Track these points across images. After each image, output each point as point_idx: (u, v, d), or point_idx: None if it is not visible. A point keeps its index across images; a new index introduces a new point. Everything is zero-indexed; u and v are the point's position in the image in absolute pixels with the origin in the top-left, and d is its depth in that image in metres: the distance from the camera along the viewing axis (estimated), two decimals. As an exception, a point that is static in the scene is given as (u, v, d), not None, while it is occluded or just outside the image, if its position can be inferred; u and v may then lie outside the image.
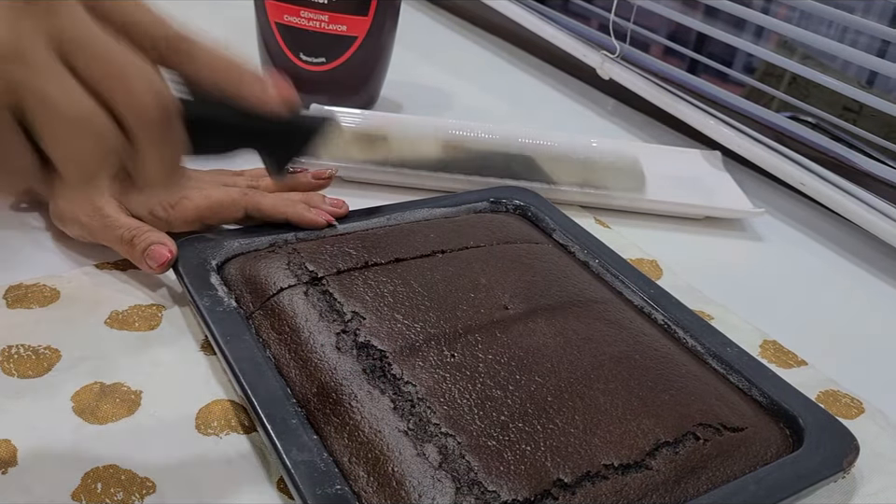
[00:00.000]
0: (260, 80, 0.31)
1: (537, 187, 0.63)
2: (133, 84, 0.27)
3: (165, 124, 0.28)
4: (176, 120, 0.28)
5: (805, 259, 0.65)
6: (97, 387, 0.40)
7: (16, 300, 0.46)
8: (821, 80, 0.70)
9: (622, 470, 0.36)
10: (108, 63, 0.26)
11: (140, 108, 0.27)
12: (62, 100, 0.25)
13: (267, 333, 0.43)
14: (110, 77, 0.26)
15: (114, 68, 0.26)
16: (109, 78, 0.26)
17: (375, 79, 0.79)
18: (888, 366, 0.53)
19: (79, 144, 0.26)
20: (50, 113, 0.25)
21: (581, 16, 0.98)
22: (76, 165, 0.26)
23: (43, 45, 0.25)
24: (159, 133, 0.27)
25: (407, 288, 0.45)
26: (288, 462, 0.35)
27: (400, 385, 0.39)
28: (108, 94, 0.26)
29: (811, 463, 0.39)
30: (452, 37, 1.08)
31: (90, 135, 0.26)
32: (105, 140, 0.26)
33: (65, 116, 0.25)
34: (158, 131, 0.27)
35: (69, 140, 0.26)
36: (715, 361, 0.45)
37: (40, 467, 0.36)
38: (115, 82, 0.26)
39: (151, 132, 0.27)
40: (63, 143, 0.26)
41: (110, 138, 0.27)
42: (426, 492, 0.34)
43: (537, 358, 0.41)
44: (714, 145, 0.77)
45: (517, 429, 0.37)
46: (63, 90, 0.25)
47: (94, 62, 0.26)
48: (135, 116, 0.27)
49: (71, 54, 0.26)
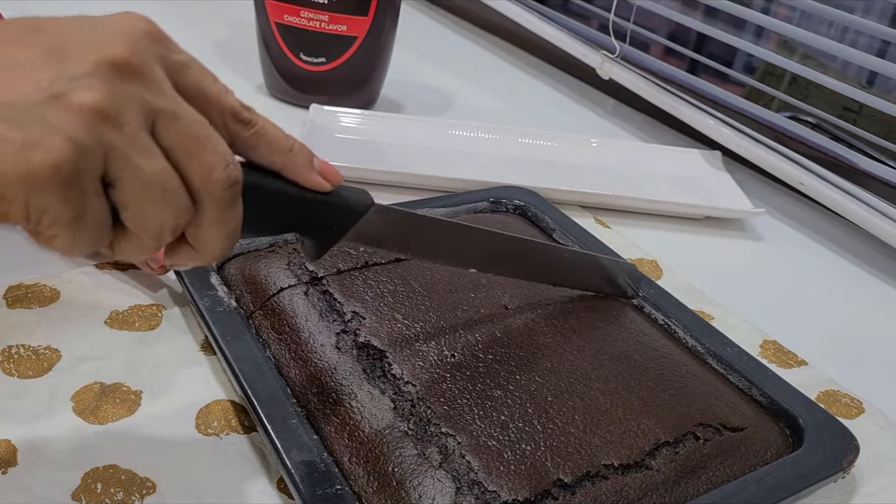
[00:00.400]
0: (310, 158, 0.33)
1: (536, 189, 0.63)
2: (210, 156, 0.28)
3: (232, 199, 0.29)
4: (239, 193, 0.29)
5: (805, 259, 0.65)
6: (97, 387, 0.40)
7: (16, 300, 0.46)
8: (821, 80, 0.70)
9: (622, 470, 0.36)
10: (190, 134, 0.28)
11: (214, 185, 0.28)
12: (146, 164, 0.26)
13: (267, 333, 0.43)
14: (191, 152, 0.28)
15: (194, 140, 0.28)
16: (189, 149, 0.28)
17: (375, 79, 0.79)
18: (888, 366, 0.53)
19: (155, 210, 0.27)
20: (134, 174, 0.26)
21: (580, 16, 0.98)
22: (148, 229, 0.28)
23: (135, 111, 0.26)
24: (224, 204, 0.29)
25: (407, 288, 0.45)
26: (289, 462, 0.35)
27: (400, 385, 0.39)
28: (185, 163, 0.28)
29: (811, 463, 0.39)
30: (452, 37, 1.08)
31: (165, 198, 0.27)
32: (178, 204, 0.28)
33: (148, 183, 0.27)
34: (224, 205, 0.29)
35: (147, 205, 0.27)
36: (715, 361, 0.45)
37: (40, 467, 0.36)
38: (194, 153, 0.28)
39: (219, 206, 0.29)
40: (142, 203, 0.27)
41: (182, 203, 0.28)
42: (426, 492, 0.34)
43: (537, 358, 0.41)
44: (714, 145, 0.77)
45: (517, 429, 0.37)
46: (149, 155, 0.27)
47: (178, 133, 0.27)
48: (208, 191, 0.28)
49: (159, 124, 0.27)
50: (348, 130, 0.72)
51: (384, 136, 0.72)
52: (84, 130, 0.25)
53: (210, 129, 0.29)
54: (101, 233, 0.27)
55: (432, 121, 0.75)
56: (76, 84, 0.25)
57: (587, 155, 0.73)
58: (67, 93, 0.25)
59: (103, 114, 0.25)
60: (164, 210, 0.27)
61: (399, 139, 0.71)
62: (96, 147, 0.25)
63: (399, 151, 0.70)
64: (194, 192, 0.28)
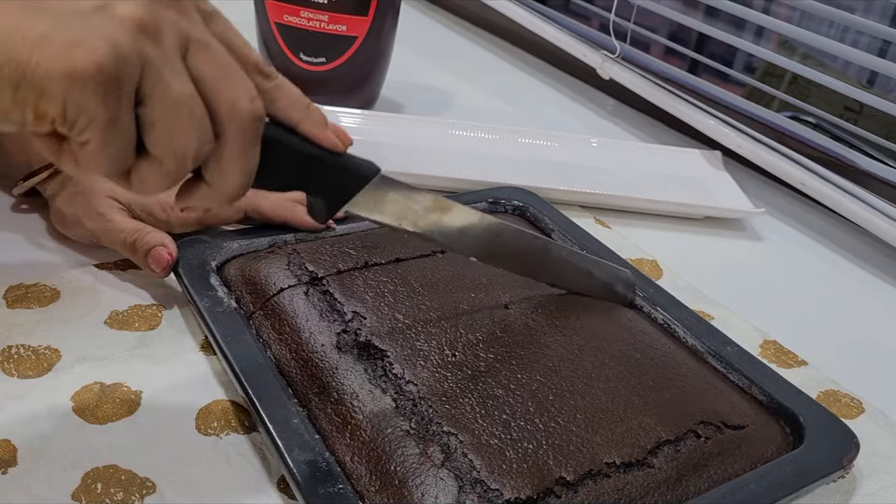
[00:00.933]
0: (325, 119, 0.34)
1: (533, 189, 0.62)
2: (238, 91, 0.29)
3: (255, 134, 0.30)
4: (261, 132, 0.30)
5: (805, 259, 0.65)
6: (97, 387, 0.40)
7: (16, 300, 0.46)
8: (822, 80, 0.70)
9: (624, 468, 0.36)
10: (222, 67, 0.29)
11: (240, 114, 0.29)
12: (177, 88, 0.28)
13: (267, 333, 0.43)
14: (219, 80, 0.29)
15: (223, 72, 0.29)
16: (219, 82, 0.29)
17: (375, 79, 0.79)
18: (888, 366, 0.53)
19: (181, 131, 0.28)
20: (165, 96, 0.27)
21: (581, 16, 0.98)
22: (172, 151, 0.28)
23: (173, 33, 0.28)
24: (248, 141, 0.30)
25: (407, 288, 0.45)
26: (290, 462, 0.35)
27: (402, 385, 0.39)
28: (214, 95, 0.29)
29: (811, 461, 0.39)
30: (452, 37, 1.08)
31: (190, 122, 0.28)
32: (202, 131, 0.29)
33: (177, 103, 0.28)
34: (248, 138, 0.30)
35: (174, 125, 0.28)
36: (715, 360, 0.45)
37: (40, 467, 0.36)
38: (223, 86, 0.29)
39: (242, 139, 0.30)
40: (168, 127, 0.28)
41: (206, 131, 0.29)
42: (428, 491, 0.34)
43: (538, 357, 0.41)
44: (714, 145, 0.77)
45: (519, 428, 0.37)
46: (180, 76, 0.28)
47: (210, 64, 0.29)
48: (234, 120, 0.29)
49: (192, 52, 0.29)
50: (348, 130, 0.71)
51: (384, 136, 0.72)
52: (127, 38, 0.26)
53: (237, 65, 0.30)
54: (128, 147, 0.28)
55: (432, 121, 0.75)
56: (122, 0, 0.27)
57: (587, 155, 0.73)
58: (113, 5, 0.27)
59: (144, 27, 0.27)
60: (189, 132, 0.28)
61: (399, 139, 0.71)
62: (136, 56, 0.26)
63: (398, 151, 0.70)
64: (219, 123, 0.29)
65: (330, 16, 0.72)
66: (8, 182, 0.52)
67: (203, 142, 0.29)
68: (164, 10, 0.28)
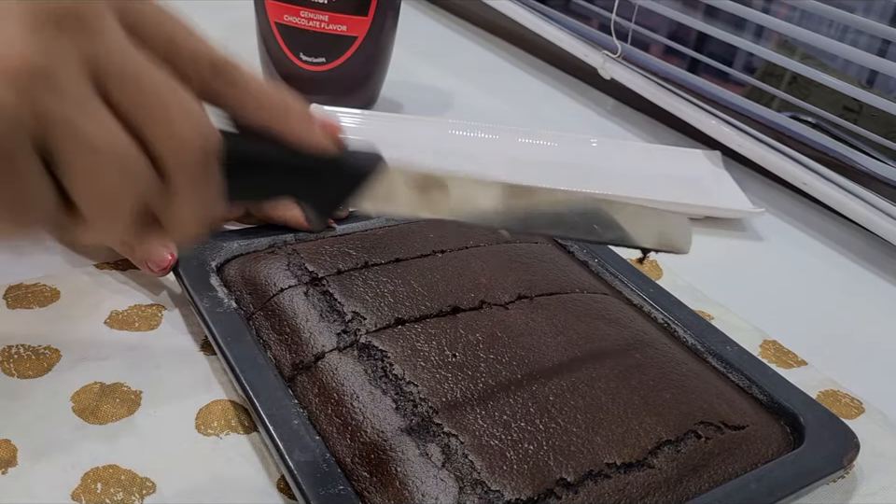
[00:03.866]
0: (307, 115, 0.28)
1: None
2: (176, 120, 0.23)
3: (206, 166, 0.24)
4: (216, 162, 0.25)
5: (806, 259, 0.65)
6: (97, 387, 0.40)
7: (16, 300, 0.46)
8: (822, 80, 0.70)
9: (624, 469, 0.36)
10: (149, 94, 0.23)
11: (181, 148, 0.24)
12: (94, 133, 0.22)
13: (267, 334, 0.43)
14: (150, 110, 0.23)
15: (155, 101, 0.23)
16: (149, 112, 0.23)
17: (375, 79, 0.79)
18: (888, 366, 0.53)
19: (110, 183, 0.23)
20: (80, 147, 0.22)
21: (582, 16, 0.98)
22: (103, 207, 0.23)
23: (77, 70, 0.22)
24: (198, 176, 0.24)
25: (407, 288, 0.45)
26: (291, 463, 0.35)
27: (402, 385, 0.39)
28: (146, 129, 0.23)
29: (812, 461, 0.39)
30: (452, 37, 1.08)
31: (122, 174, 0.23)
32: (138, 180, 0.23)
33: (97, 151, 0.22)
34: (197, 173, 0.24)
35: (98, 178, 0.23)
36: (715, 360, 0.45)
37: (40, 467, 0.36)
38: (155, 116, 0.23)
39: (190, 174, 0.24)
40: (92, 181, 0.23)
41: (144, 178, 0.23)
42: (429, 492, 0.34)
43: (538, 358, 0.41)
44: (715, 144, 0.76)
45: (519, 429, 0.37)
46: (97, 122, 0.22)
47: (134, 92, 0.23)
48: (175, 155, 0.24)
49: (108, 82, 0.23)
50: (348, 130, 0.72)
51: (384, 136, 0.71)
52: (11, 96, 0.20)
53: (175, 86, 0.24)
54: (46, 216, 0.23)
55: (432, 121, 0.75)
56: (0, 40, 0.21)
57: (587, 155, 0.73)
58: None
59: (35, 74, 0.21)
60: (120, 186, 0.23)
61: (399, 139, 0.71)
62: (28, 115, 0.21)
63: (398, 151, 0.70)
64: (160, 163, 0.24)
65: (330, 16, 0.72)
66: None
67: (142, 190, 0.23)
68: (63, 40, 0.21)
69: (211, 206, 0.25)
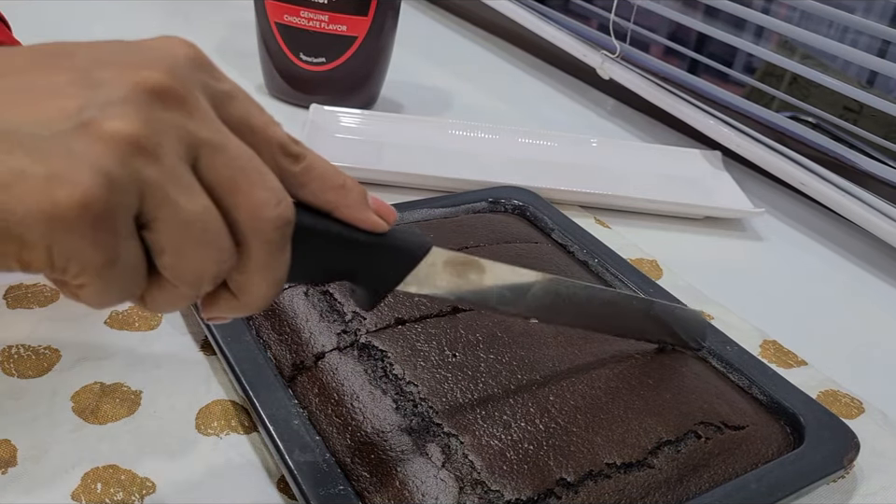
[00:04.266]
0: (365, 197, 0.29)
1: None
2: (260, 193, 0.25)
3: (283, 241, 0.26)
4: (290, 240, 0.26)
5: (805, 259, 0.65)
6: (97, 387, 0.40)
7: (16, 300, 0.46)
8: (822, 80, 0.70)
9: (624, 469, 0.36)
10: (237, 168, 0.25)
11: (263, 219, 0.25)
12: (185, 203, 0.23)
13: (267, 334, 0.43)
14: (237, 186, 0.24)
15: (241, 174, 0.25)
16: (236, 184, 0.24)
17: (375, 79, 0.79)
18: (888, 366, 0.53)
19: (196, 251, 0.24)
20: (173, 215, 0.23)
21: (581, 16, 0.98)
22: (187, 273, 0.24)
23: (175, 142, 0.23)
24: (274, 248, 0.26)
25: (407, 288, 0.45)
26: (291, 463, 0.35)
27: (402, 385, 0.39)
28: (233, 204, 0.24)
29: (812, 461, 0.39)
30: (452, 37, 1.08)
31: (207, 243, 0.24)
32: (222, 249, 0.25)
33: (188, 220, 0.23)
34: (275, 248, 0.26)
35: (186, 245, 0.24)
36: (715, 360, 0.45)
37: (40, 467, 0.36)
38: (241, 189, 0.24)
39: (268, 249, 0.25)
40: (180, 248, 0.24)
41: (226, 248, 0.25)
42: (429, 492, 0.34)
43: (538, 358, 0.41)
44: (714, 144, 0.77)
45: (519, 429, 0.37)
46: (190, 193, 0.23)
47: (223, 166, 0.24)
48: (256, 226, 0.25)
49: (203, 158, 0.24)
50: (348, 130, 0.72)
51: (384, 136, 0.72)
52: (116, 162, 0.22)
53: (260, 162, 0.25)
54: (135, 281, 0.24)
55: (432, 121, 0.75)
56: (108, 111, 0.22)
57: (587, 155, 0.73)
58: (98, 121, 0.22)
59: (138, 145, 0.22)
60: (205, 255, 0.24)
61: (399, 139, 0.71)
62: (130, 182, 0.22)
63: (398, 151, 0.70)
64: (240, 234, 0.25)
65: (330, 16, 0.72)
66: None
67: (223, 261, 0.25)
68: (164, 114, 0.23)
69: (281, 278, 0.27)
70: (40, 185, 0.21)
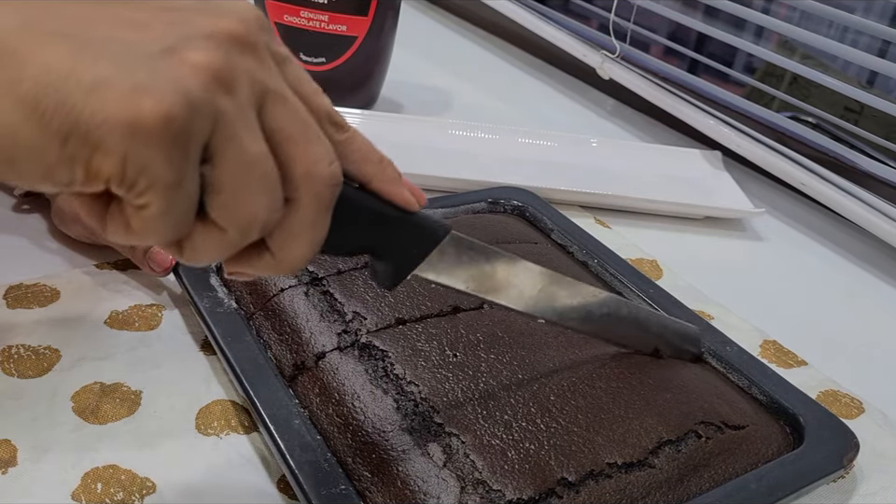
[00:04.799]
0: (399, 176, 0.31)
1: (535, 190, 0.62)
2: (316, 149, 0.26)
3: (331, 200, 0.27)
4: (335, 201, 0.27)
5: (805, 259, 0.65)
6: (97, 387, 0.40)
7: (16, 300, 0.46)
8: (822, 80, 0.70)
9: (625, 469, 0.36)
10: (299, 123, 0.26)
11: (317, 179, 0.26)
12: (251, 147, 0.24)
13: (268, 334, 0.43)
14: (296, 139, 0.25)
15: (301, 129, 0.26)
16: (295, 141, 0.25)
17: (375, 79, 0.79)
18: (888, 366, 0.53)
19: (251, 197, 0.25)
20: (237, 156, 0.24)
21: (581, 16, 0.98)
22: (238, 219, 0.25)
23: (248, 84, 0.24)
24: (322, 209, 0.26)
25: (407, 288, 0.45)
26: (292, 462, 0.35)
27: (403, 385, 0.39)
28: (290, 156, 0.25)
29: (812, 460, 0.39)
30: (452, 37, 1.08)
31: (263, 189, 0.25)
32: (275, 201, 0.25)
33: (249, 164, 0.24)
34: (323, 206, 0.26)
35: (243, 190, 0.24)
36: (715, 360, 0.45)
37: (40, 467, 0.36)
38: (300, 146, 0.25)
39: (316, 206, 0.26)
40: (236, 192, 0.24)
41: (279, 201, 0.25)
42: (430, 491, 0.34)
43: (539, 358, 0.41)
44: (714, 145, 0.77)
45: (521, 428, 0.37)
46: (254, 134, 0.24)
47: (286, 119, 0.25)
48: (309, 185, 0.26)
49: (268, 106, 0.25)
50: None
51: (383, 136, 0.71)
52: (199, 87, 0.23)
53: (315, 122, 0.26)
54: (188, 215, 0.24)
55: (432, 121, 0.75)
56: (192, 44, 0.23)
57: (587, 155, 0.73)
58: (184, 49, 0.23)
59: (219, 77, 0.23)
60: (260, 200, 0.25)
61: (399, 139, 0.71)
62: (208, 109, 0.23)
63: (398, 151, 0.69)
64: (292, 187, 0.26)
65: (330, 16, 0.72)
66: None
67: (274, 209, 0.25)
68: (240, 57, 0.24)
69: (320, 240, 0.27)
70: (126, 93, 0.21)
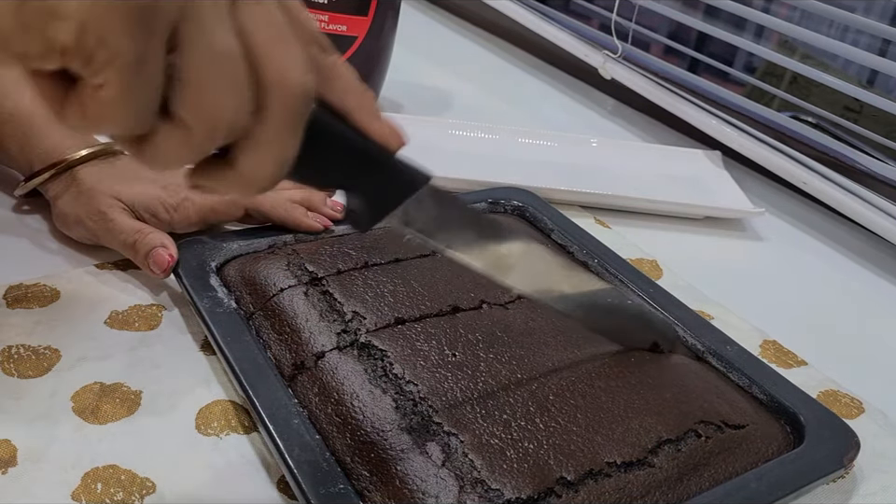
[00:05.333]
0: (380, 112, 0.30)
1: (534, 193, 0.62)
2: (290, 58, 0.25)
3: (302, 113, 0.25)
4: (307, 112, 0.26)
5: (806, 259, 0.65)
6: (97, 387, 0.40)
7: (16, 300, 0.46)
8: (822, 79, 0.70)
9: (624, 468, 0.36)
10: (274, 27, 0.25)
11: (288, 86, 0.25)
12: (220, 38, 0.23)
13: (267, 334, 0.43)
14: (270, 42, 0.24)
15: (276, 34, 0.25)
16: (269, 43, 0.24)
17: (375, 79, 0.79)
18: (888, 366, 0.53)
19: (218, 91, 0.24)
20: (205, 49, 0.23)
21: (582, 16, 0.98)
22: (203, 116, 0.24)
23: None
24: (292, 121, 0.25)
25: (407, 288, 0.45)
26: (291, 461, 0.35)
27: (402, 385, 0.39)
28: (262, 58, 0.24)
29: (812, 460, 0.39)
30: (452, 37, 1.08)
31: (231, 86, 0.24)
32: (242, 99, 0.24)
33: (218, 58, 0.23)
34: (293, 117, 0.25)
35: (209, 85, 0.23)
36: (715, 359, 0.45)
37: (40, 467, 0.36)
38: (273, 49, 0.24)
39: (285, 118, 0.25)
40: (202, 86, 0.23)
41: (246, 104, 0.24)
42: (429, 490, 0.34)
43: (538, 357, 0.41)
44: (715, 144, 0.76)
45: (519, 428, 0.37)
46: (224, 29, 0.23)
47: (262, 23, 0.24)
48: (280, 91, 0.25)
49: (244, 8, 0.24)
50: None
51: (384, 136, 0.71)
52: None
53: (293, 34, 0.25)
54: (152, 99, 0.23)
55: (432, 121, 0.75)
56: None
57: (587, 155, 0.73)
58: None
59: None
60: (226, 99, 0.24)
61: (400, 139, 0.71)
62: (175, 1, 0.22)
63: (398, 151, 0.70)
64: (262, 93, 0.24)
65: (330, 16, 0.72)
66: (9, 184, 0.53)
67: (241, 111, 0.24)
68: None
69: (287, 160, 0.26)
70: None
